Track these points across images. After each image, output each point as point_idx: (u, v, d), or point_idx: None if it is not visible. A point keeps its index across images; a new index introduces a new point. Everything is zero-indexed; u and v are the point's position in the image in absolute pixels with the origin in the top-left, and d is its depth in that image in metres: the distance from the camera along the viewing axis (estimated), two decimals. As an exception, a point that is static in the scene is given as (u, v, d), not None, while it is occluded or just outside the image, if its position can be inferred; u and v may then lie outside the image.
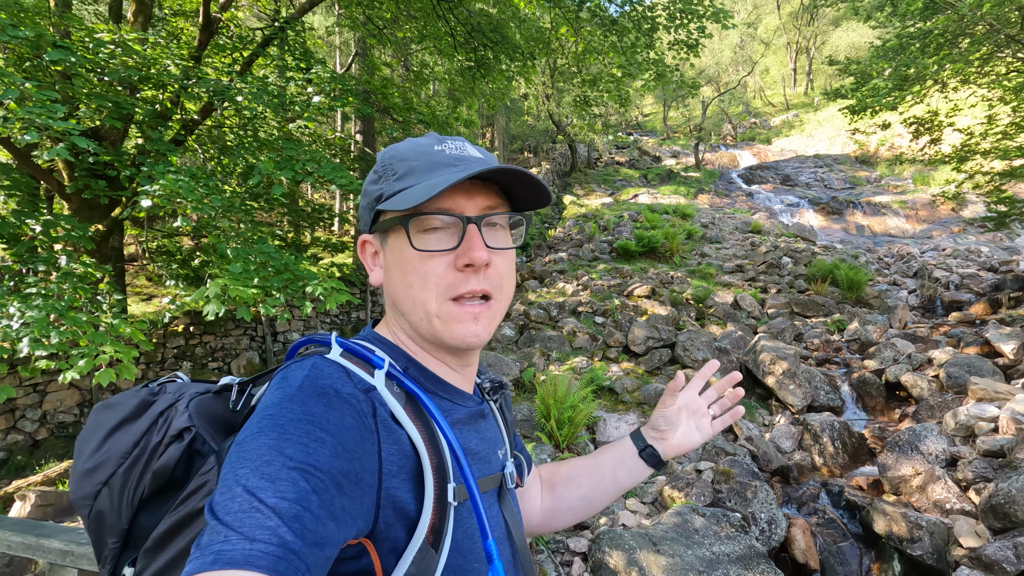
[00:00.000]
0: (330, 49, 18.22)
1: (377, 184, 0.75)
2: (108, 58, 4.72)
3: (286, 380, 0.61)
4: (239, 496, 0.49)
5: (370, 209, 0.76)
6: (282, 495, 0.50)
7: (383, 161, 0.76)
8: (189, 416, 0.71)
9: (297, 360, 0.66)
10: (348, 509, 0.54)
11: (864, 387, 6.29)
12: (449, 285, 0.70)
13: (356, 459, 0.57)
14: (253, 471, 0.51)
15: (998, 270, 10.59)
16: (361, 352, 0.69)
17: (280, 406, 0.57)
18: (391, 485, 0.61)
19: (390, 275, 0.75)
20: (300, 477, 0.51)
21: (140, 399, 0.75)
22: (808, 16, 33.22)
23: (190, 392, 0.76)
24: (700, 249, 12.56)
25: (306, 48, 7.10)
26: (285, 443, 0.53)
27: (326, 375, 0.62)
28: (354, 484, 0.56)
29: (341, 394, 0.60)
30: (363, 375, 0.65)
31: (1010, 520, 3.64)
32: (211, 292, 3.78)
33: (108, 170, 5.35)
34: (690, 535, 3.70)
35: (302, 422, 0.55)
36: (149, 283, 10.86)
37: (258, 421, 0.56)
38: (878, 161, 21.22)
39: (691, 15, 7.19)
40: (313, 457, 0.53)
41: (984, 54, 7.07)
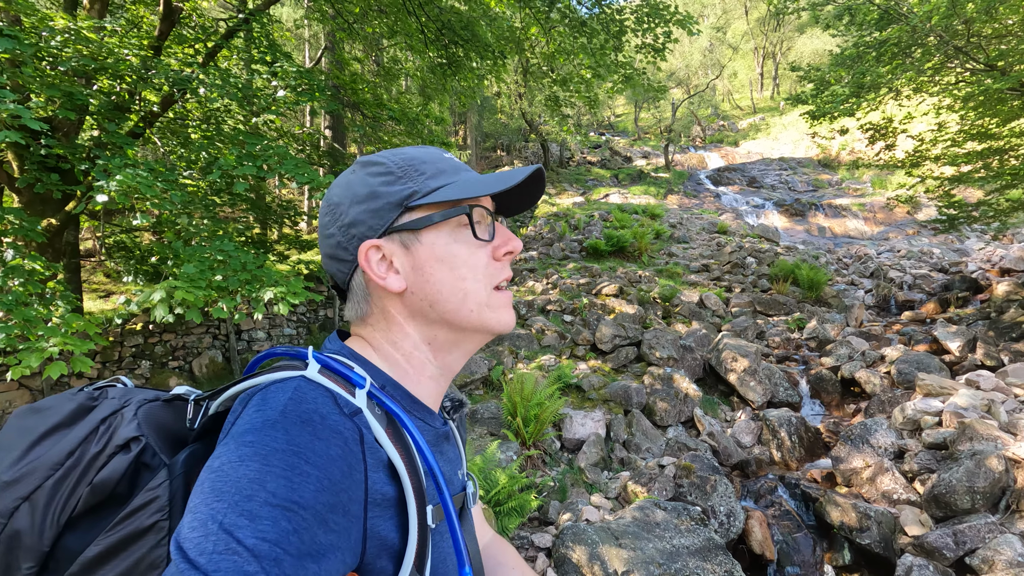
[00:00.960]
0: (299, 42, 17.90)
1: (398, 184, 0.71)
2: (61, 46, 4.55)
3: (266, 403, 0.57)
4: (214, 534, 0.45)
5: (392, 209, 0.71)
6: (262, 536, 0.46)
7: (397, 163, 0.73)
8: (138, 424, 0.66)
9: (276, 379, 0.61)
10: (335, 545, 0.51)
11: (821, 383, 6.51)
12: (492, 275, 0.73)
13: (343, 491, 0.54)
14: (232, 506, 0.47)
15: (948, 271, 11.08)
16: (340, 370, 0.65)
17: (262, 432, 0.53)
18: (374, 515, 0.58)
19: (428, 273, 0.71)
20: (282, 516, 0.47)
21: (77, 403, 0.68)
22: (775, 22, 34.06)
23: (137, 398, 0.71)
24: (668, 249, 12.79)
25: (272, 41, 6.96)
26: (268, 476, 0.49)
27: (311, 399, 0.57)
28: (340, 516, 0.53)
29: (327, 421, 0.56)
30: (348, 397, 0.61)
31: (951, 509, 3.83)
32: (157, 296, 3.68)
33: (61, 163, 5.16)
34: (651, 529, 3.78)
35: (286, 453, 0.51)
36: (107, 279, 10.50)
37: (237, 448, 0.52)
38: (839, 165, 21.93)
39: (658, 19, 7.32)
40: (297, 493, 0.49)
41: (935, 64, 7.39)
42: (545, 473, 4.76)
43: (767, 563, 4.09)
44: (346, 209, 0.72)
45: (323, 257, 0.76)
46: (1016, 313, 6.96)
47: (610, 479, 4.83)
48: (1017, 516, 3.67)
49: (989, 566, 3.31)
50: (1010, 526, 3.60)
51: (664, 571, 3.44)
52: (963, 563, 3.47)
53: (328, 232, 0.74)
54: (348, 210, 0.72)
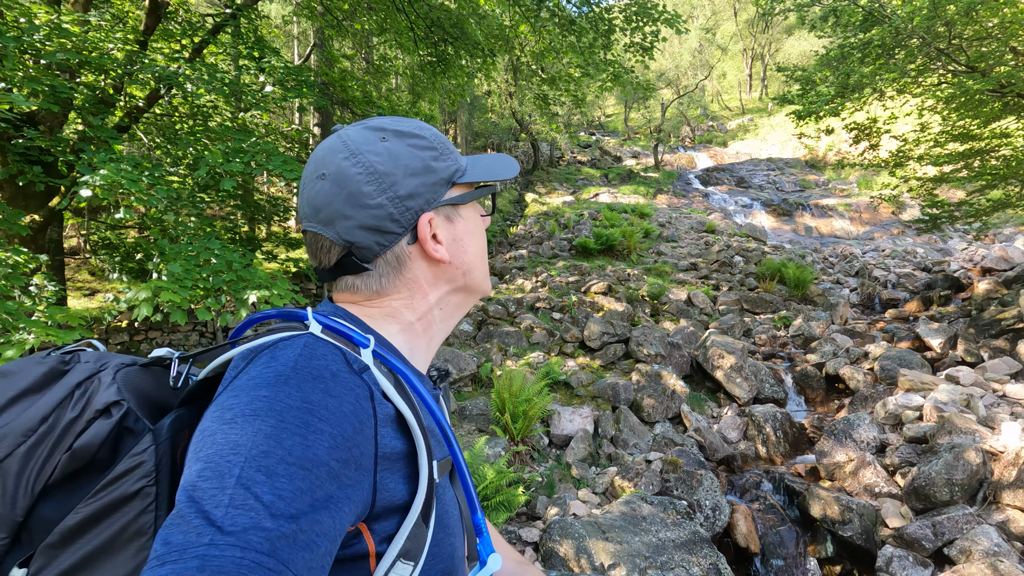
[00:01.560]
0: (287, 39, 17.78)
1: (445, 161, 0.76)
2: (44, 40, 4.50)
3: (275, 358, 0.56)
4: (231, 487, 0.45)
5: (443, 184, 0.75)
6: (279, 492, 0.46)
7: (437, 140, 0.76)
8: (118, 388, 0.63)
9: (284, 336, 0.60)
10: (348, 497, 0.52)
11: (806, 380, 6.59)
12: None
13: (355, 446, 0.54)
14: (249, 460, 0.46)
15: (931, 270, 11.25)
16: (343, 330, 0.64)
17: (276, 387, 0.52)
18: (383, 468, 0.58)
19: (463, 246, 0.78)
20: (298, 473, 0.47)
21: (48, 367, 0.65)
22: (763, 24, 34.35)
23: (114, 363, 0.68)
24: (657, 248, 12.86)
25: (260, 36, 6.92)
26: (284, 433, 0.49)
27: (320, 355, 0.57)
28: (353, 471, 0.53)
29: (339, 377, 0.56)
30: (355, 355, 0.61)
31: (930, 501, 3.90)
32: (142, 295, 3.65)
33: (45, 156, 5.10)
34: (638, 523, 3.82)
35: (300, 410, 0.51)
36: (92, 277, 10.38)
37: (250, 401, 0.51)
38: (826, 165, 22.17)
39: (646, 18, 7.36)
40: (312, 450, 0.49)
41: (918, 65, 7.50)
42: (533, 468, 4.78)
43: (752, 556, 4.14)
44: (400, 180, 0.71)
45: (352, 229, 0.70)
46: (996, 311, 7.09)
47: (597, 474, 4.86)
48: (994, 507, 3.74)
49: (966, 556, 3.38)
50: (987, 517, 3.67)
51: (650, 564, 3.48)
52: (942, 553, 3.54)
53: (375, 202, 0.69)
54: (403, 181, 0.71)
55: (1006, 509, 3.67)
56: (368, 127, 0.74)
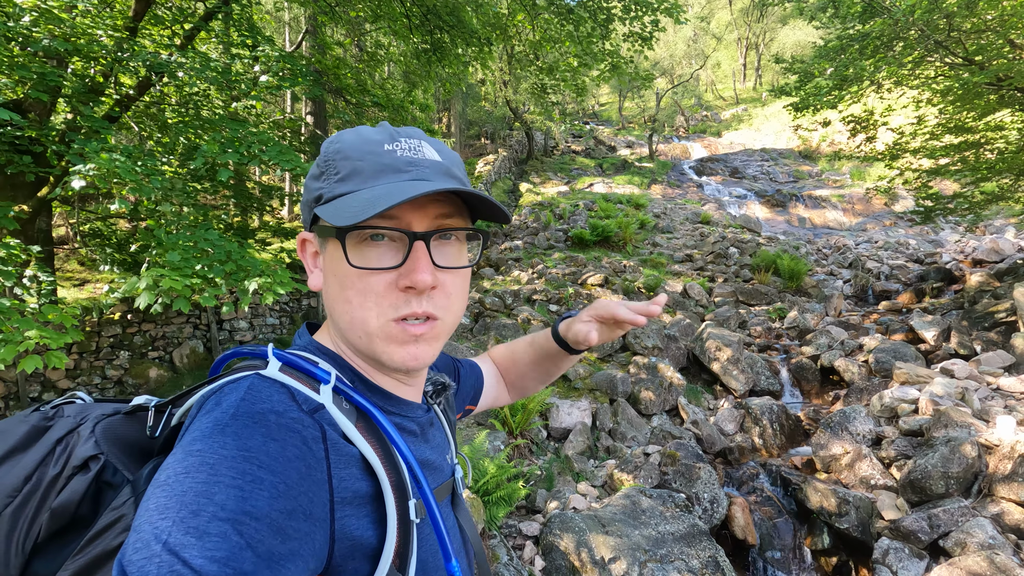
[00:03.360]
0: (279, 25, 17.49)
1: (318, 181, 0.68)
2: (31, 26, 4.38)
3: (218, 405, 0.54)
4: (157, 555, 0.42)
5: (309, 207, 0.69)
6: (211, 554, 0.42)
7: (326, 155, 0.68)
8: (96, 442, 0.62)
9: (230, 380, 0.58)
10: (295, 552, 0.48)
11: (801, 372, 6.64)
12: (391, 305, 0.64)
13: (302, 494, 0.51)
14: (177, 523, 0.43)
15: (924, 262, 11.34)
16: (303, 366, 0.62)
17: (211, 439, 0.49)
18: (345, 514, 0.55)
19: (328, 284, 0.68)
20: (233, 530, 0.44)
21: (30, 425, 0.64)
22: (758, 13, 34.21)
23: (95, 414, 0.67)
24: (652, 239, 12.87)
25: (252, 23, 6.79)
26: (216, 487, 0.46)
27: (265, 397, 0.55)
28: (301, 521, 0.50)
29: (283, 419, 0.53)
30: (308, 392, 0.58)
31: (926, 493, 3.95)
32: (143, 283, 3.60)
33: (34, 146, 5.00)
34: (637, 516, 3.84)
35: (236, 459, 0.48)
36: (81, 268, 10.24)
37: (183, 458, 0.48)
38: (819, 156, 22.22)
39: (645, 7, 7.29)
40: (249, 503, 0.46)
41: (916, 58, 7.50)
42: (532, 462, 4.80)
43: (749, 547, 4.18)
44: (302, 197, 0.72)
45: None
46: (988, 303, 7.16)
47: (596, 467, 4.88)
48: (989, 500, 3.79)
49: (962, 548, 3.43)
50: (982, 510, 3.72)
51: (650, 557, 3.50)
52: (937, 546, 3.59)
53: None
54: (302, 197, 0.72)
55: (1001, 502, 3.72)
56: None
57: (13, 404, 6.67)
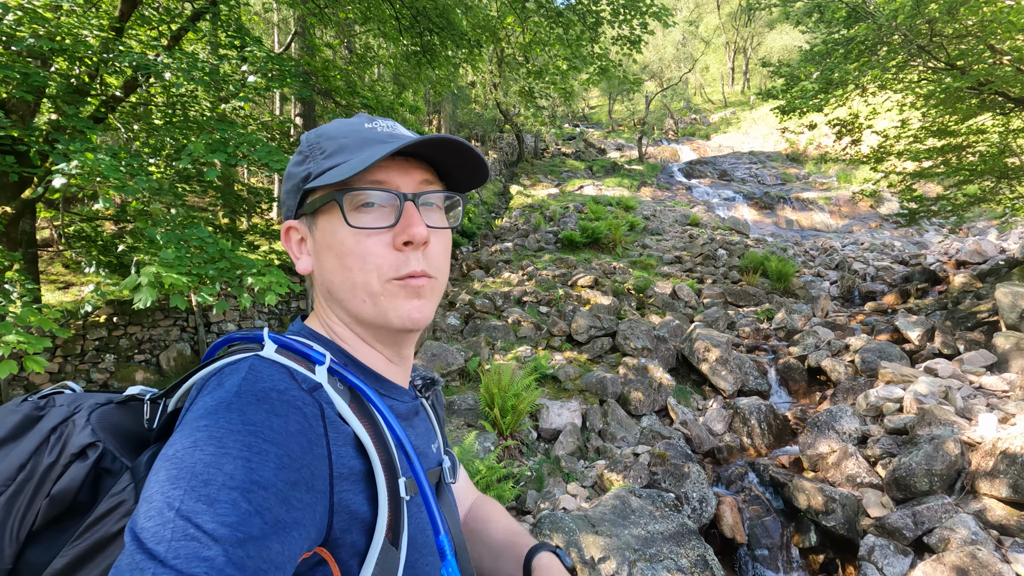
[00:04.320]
0: (267, 26, 17.40)
1: (303, 165, 0.71)
2: (15, 25, 4.33)
3: (221, 385, 0.55)
4: (171, 521, 0.44)
5: (296, 192, 0.72)
6: (222, 519, 0.44)
7: (308, 141, 0.72)
8: (92, 430, 0.63)
9: (230, 361, 0.59)
10: (299, 521, 0.50)
11: (789, 372, 6.70)
12: (391, 266, 0.67)
13: (305, 466, 0.53)
14: (188, 492, 0.45)
15: (909, 263, 11.50)
16: (298, 348, 0.64)
17: (216, 415, 0.51)
18: (342, 489, 0.57)
19: (322, 260, 0.70)
20: (242, 497, 0.46)
21: (22, 415, 0.65)
22: (746, 17, 34.56)
23: (88, 403, 0.68)
24: (642, 240, 12.93)
25: (241, 24, 6.75)
26: (224, 459, 0.48)
27: (266, 376, 0.56)
28: (304, 492, 0.52)
29: (285, 396, 0.55)
30: (306, 373, 0.60)
31: (910, 491, 4.00)
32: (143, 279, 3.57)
33: (17, 145, 4.93)
34: (627, 516, 3.85)
35: (242, 433, 0.50)
36: (66, 270, 10.10)
37: (191, 433, 0.50)
38: (807, 159, 22.47)
39: (634, 11, 7.35)
40: (256, 473, 0.48)
41: (899, 62, 7.61)
42: (522, 463, 4.80)
43: (738, 546, 4.21)
44: (283, 187, 0.75)
45: None
46: (971, 304, 7.28)
47: (586, 468, 4.89)
48: (971, 497, 3.85)
49: (945, 544, 3.48)
50: (965, 506, 3.78)
51: (640, 556, 3.51)
52: (921, 542, 3.64)
53: None
54: (283, 188, 0.75)
55: (983, 498, 3.77)
56: None
57: (-5, 409, 6.57)
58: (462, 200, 0.78)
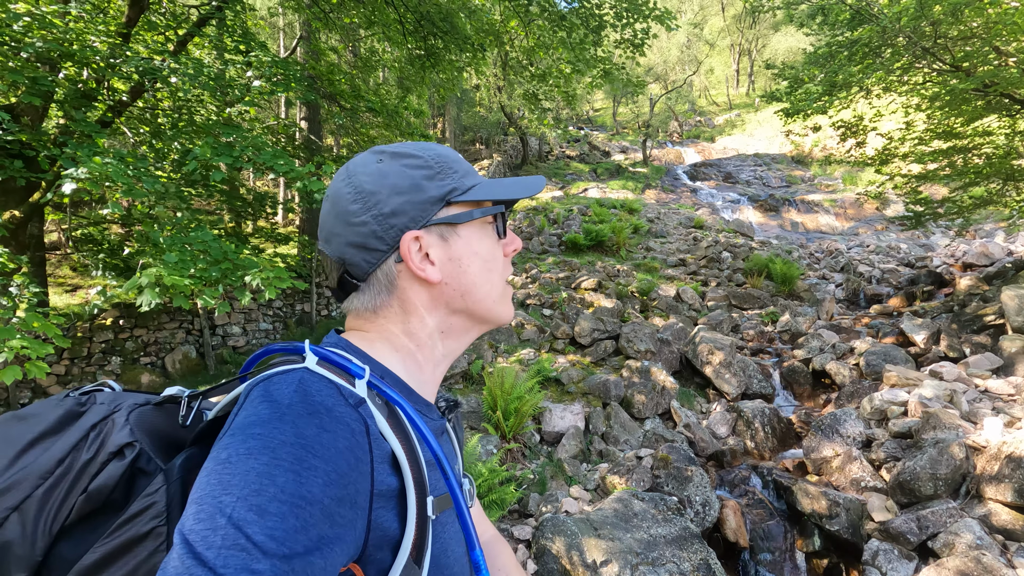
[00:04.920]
0: (273, 31, 17.52)
1: (436, 180, 0.74)
2: (24, 31, 4.39)
3: (271, 395, 0.56)
4: (223, 527, 0.45)
5: (435, 203, 0.73)
6: (271, 532, 0.45)
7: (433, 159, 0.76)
8: (131, 430, 0.64)
9: (280, 371, 0.60)
10: (341, 537, 0.52)
11: (793, 375, 6.68)
12: (506, 270, 0.81)
13: (351, 483, 0.54)
14: (241, 500, 0.46)
15: (914, 265, 11.44)
16: (337, 361, 0.64)
17: (270, 425, 0.52)
18: (379, 506, 0.58)
19: (465, 266, 0.75)
20: (291, 512, 0.47)
21: (65, 410, 0.66)
22: (751, 20, 34.52)
23: (128, 403, 0.69)
24: (646, 243, 12.92)
25: (246, 29, 6.81)
26: (277, 470, 0.49)
27: (315, 391, 0.57)
28: (347, 509, 0.53)
29: (333, 412, 0.56)
30: (351, 388, 0.61)
31: (915, 495, 3.98)
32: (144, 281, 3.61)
33: (26, 150, 4.99)
34: (629, 519, 3.85)
35: (294, 446, 0.51)
36: (74, 273, 10.19)
37: (244, 440, 0.51)
38: (812, 161, 22.39)
39: (637, 15, 7.36)
40: (306, 487, 0.49)
41: (904, 64, 7.59)
42: (525, 466, 4.80)
43: (741, 550, 4.20)
44: (385, 199, 0.72)
45: (342, 246, 0.73)
46: (977, 307, 7.23)
47: (589, 471, 4.89)
48: (976, 501, 3.83)
49: (950, 549, 3.46)
50: (970, 511, 3.75)
51: (642, 560, 3.51)
52: (926, 547, 3.62)
53: (359, 220, 0.72)
54: (387, 200, 0.72)
55: (988, 503, 3.75)
56: (372, 150, 0.77)
57: (2, 410, 6.63)
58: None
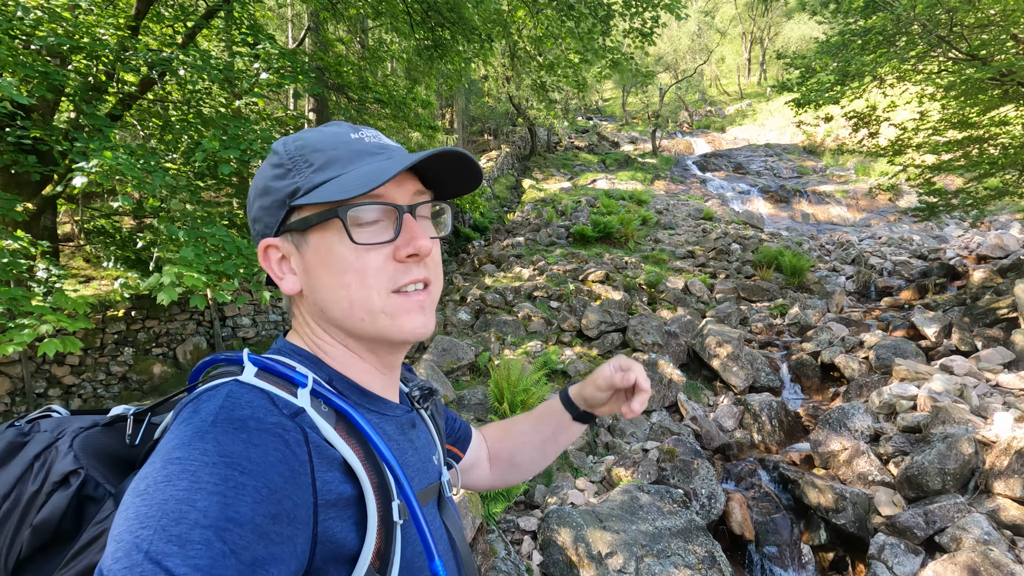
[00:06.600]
0: (281, 22, 17.49)
1: (286, 179, 0.66)
2: (35, 25, 4.42)
3: (197, 413, 0.53)
4: (139, 564, 0.41)
5: (280, 207, 0.67)
6: (194, 563, 0.42)
7: (289, 153, 0.67)
8: (75, 456, 0.61)
9: (208, 387, 0.57)
10: (278, 556, 0.48)
11: (801, 368, 6.65)
12: (390, 277, 0.66)
13: (287, 497, 0.51)
14: (159, 532, 0.43)
15: (927, 257, 11.29)
16: (279, 370, 0.62)
17: (191, 446, 0.49)
18: (328, 517, 0.55)
19: (315, 278, 0.67)
20: (216, 537, 0.44)
21: (6, 442, 0.63)
22: (763, 7, 33.95)
23: (72, 428, 0.66)
24: (654, 235, 12.85)
25: (254, 21, 6.81)
26: (198, 494, 0.45)
27: (244, 403, 0.54)
28: (284, 525, 0.50)
29: (263, 424, 0.53)
30: (287, 397, 0.58)
31: (922, 490, 3.96)
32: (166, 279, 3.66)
33: (39, 145, 5.05)
34: (635, 511, 3.87)
35: (218, 465, 0.48)
36: (87, 264, 10.31)
37: (163, 466, 0.48)
38: (823, 151, 22.09)
39: (645, 3, 7.28)
40: (232, 509, 0.46)
41: (919, 53, 7.46)
42: (531, 457, 4.82)
43: (747, 543, 4.21)
44: (251, 202, 0.70)
45: None
46: (991, 299, 7.14)
47: (595, 463, 4.91)
48: (985, 496, 3.81)
49: (957, 544, 3.45)
50: (978, 506, 3.74)
51: (647, 552, 3.53)
52: (933, 541, 3.61)
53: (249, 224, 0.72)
54: (252, 204, 0.70)
55: (997, 498, 3.73)
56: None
57: (19, 400, 6.76)
58: (450, 207, 0.78)
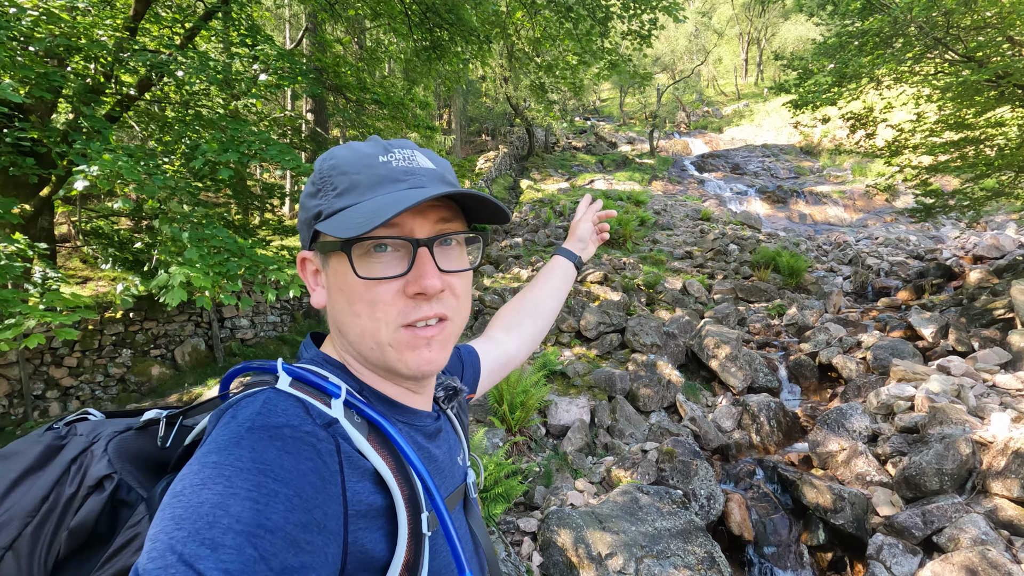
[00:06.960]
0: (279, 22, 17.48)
1: (315, 199, 0.67)
2: (32, 26, 4.41)
3: (234, 419, 0.54)
4: (172, 566, 0.42)
5: (308, 226, 0.69)
6: (225, 567, 0.43)
7: (321, 172, 0.68)
8: (109, 461, 0.63)
9: (246, 394, 0.58)
10: (308, 565, 0.48)
11: (799, 369, 6.67)
12: (400, 312, 0.65)
13: (317, 507, 0.51)
14: (192, 535, 0.44)
15: (924, 258, 11.34)
16: (313, 380, 0.62)
17: (227, 452, 0.50)
18: (358, 527, 0.56)
19: (334, 300, 0.68)
20: (247, 543, 0.44)
21: (44, 445, 0.65)
22: (760, 8, 34.03)
23: (107, 432, 0.67)
24: (652, 235, 12.88)
25: (253, 23, 6.80)
26: (232, 499, 0.46)
27: (280, 411, 0.55)
28: (316, 534, 0.50)
29: (298, 432, 0.54)
30: (321, 407, 0.59)
31: (920, 490, 3.98)
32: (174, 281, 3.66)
33: (37, 147, 5.03)
34: (635, 512, 3.88)
35: (252, 471, 0.49)
36: (84, 266, 10.28)
37: (199, 469, 0.49)
38: (821, 152, 22.16)
39: (644, 5, 7.29)
40: (264, 515, 0.46)
41: (915, 54, 7.49)
42: (531, 459, 4.83)
43: (745, 543, 4.22)
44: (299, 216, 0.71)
45: None
46: (987, 300, 7.17)
47: (594, 464, 4.92)
48: (982, 496, 3.83)
49: (955, 544, 3.47)
50: (975, 506, 3.76)
51: (647, 553, 3.54)
52: (931, 541, 3.63)
53: None
54: (299, 212, 0.71)
55: (994, 498, 3.75)
56: None
57: (16, 401, 6.74)
58: (483, 239, 0.75)
